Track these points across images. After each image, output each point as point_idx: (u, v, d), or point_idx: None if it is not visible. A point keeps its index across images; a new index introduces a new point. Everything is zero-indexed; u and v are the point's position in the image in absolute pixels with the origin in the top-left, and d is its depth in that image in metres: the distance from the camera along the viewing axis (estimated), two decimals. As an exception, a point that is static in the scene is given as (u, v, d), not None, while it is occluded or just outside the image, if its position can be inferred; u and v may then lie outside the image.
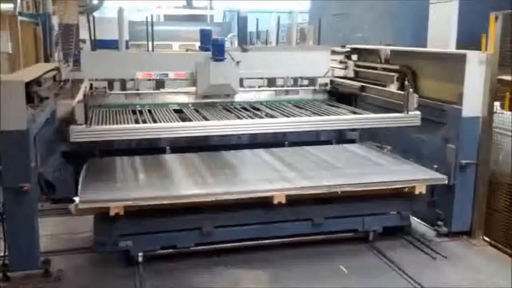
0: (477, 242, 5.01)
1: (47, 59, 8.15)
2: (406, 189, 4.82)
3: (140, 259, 4.39)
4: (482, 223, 5.04)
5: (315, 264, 4.52)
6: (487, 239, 5.04)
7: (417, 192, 4.76)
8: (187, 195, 4.38)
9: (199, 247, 4.55)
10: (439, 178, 4.89)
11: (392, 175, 4.91)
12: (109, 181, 4.68)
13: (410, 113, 5.01)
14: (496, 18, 4.80)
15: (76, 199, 4.10)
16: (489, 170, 4.98)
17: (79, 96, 4.64)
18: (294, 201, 4.55)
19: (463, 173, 4.92)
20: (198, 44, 7.12)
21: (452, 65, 5.03)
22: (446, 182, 4.86)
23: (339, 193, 4.57)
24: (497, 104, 4.96)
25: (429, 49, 6.67)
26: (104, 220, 4.23)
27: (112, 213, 4.12)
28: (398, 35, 10.11)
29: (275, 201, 4.43)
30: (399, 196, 4.89)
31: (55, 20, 10.33)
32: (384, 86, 5.77)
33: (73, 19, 11.25)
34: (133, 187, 4.56)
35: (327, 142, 6.28)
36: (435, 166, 5.06)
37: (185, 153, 5.58)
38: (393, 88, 5.65)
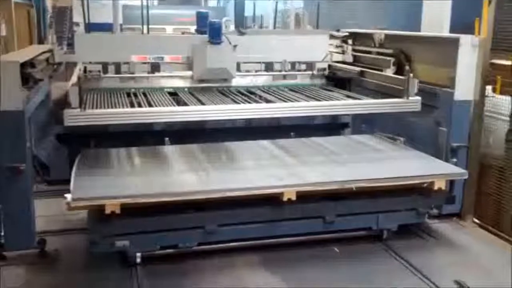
0: (467, 224, 5.09)
1: (41, 42, 8.08)
2: (425, 184, 4.56)
3: (138, 260, 4.10)
4: (472, 206, 5.12)
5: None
6: (477, 221, 5.12)
7: (436, 187, 4.50)
8: (190, 192, 4.06)
9: (202, 247, 4.27)
10: (460, 173, 4.64)
11: (409, 169, 4.63)
12: (104, 175, 4.37)
13: (410, 98, 4.96)
14: (489, 2, 4.83)
15: (68, 196, 3.81)
16: (479, 153, 5.05)
17: (73, 79, 4.62)
18: (304, 198, 4.24)
19: (454, 156, 4.96)
20: (192, 28, 7.05)
21: (445, 49, 5.07)
22: (467, 177, 4.68)
23: (354, 189, 4.29)
24: (489, 88, 5.02)
25: (422, 33, 6.68)
26: (99, 218, 3.91)
27: (107, 211, 3.83)
28: (392, 20, 10.08)
29: (285, 198, 4.14)
30: (415, 191, 4.62)
31: (48, 3, 10.25)
32: (380, 70, 5.77)
33: (67, 1, 11.15)
34: (131, 182, 4.22)
35: (321, 126, 6.28)
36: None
37: (180, 137, 5.52)
38: (389, 72, 5.65)
